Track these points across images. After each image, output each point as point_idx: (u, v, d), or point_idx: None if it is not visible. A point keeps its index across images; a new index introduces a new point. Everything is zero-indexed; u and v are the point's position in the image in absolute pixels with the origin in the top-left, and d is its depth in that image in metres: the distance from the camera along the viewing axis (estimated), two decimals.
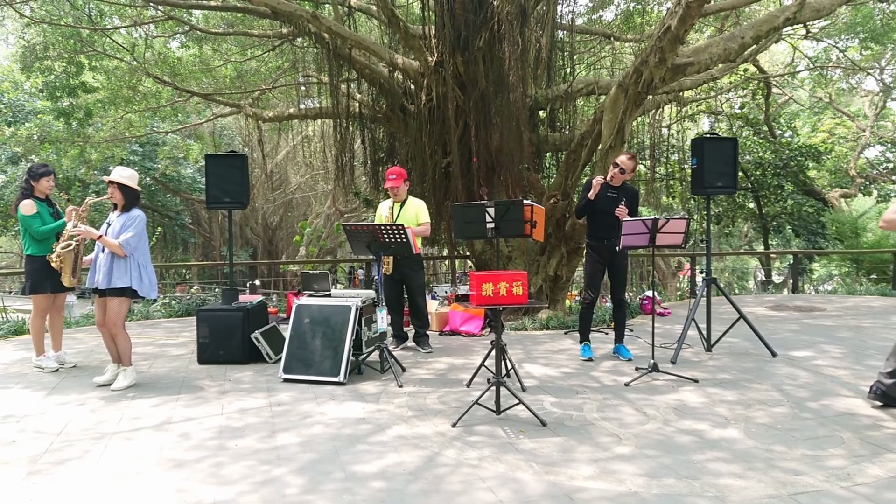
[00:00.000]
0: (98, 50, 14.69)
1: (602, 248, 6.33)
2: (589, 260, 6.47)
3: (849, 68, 18.06)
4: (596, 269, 6.44)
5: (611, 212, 6.15)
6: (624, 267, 6.47)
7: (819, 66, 18.29)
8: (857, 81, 21.48)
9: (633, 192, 6.40)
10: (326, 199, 28.88)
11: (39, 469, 3.85)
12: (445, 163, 9.69)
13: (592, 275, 6.46)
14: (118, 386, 5.56)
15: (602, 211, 6.22)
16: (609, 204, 6.17)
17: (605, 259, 6.37)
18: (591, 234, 6.41)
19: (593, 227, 6.38)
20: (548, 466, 3.78)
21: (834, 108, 22.01)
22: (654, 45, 7.69)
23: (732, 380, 5.62)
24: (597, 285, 6.53)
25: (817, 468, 3.71)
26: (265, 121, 14.14)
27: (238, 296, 6.77)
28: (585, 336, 6.63)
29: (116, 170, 5.60)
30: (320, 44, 9.91)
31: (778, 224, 18.12)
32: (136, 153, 21.03)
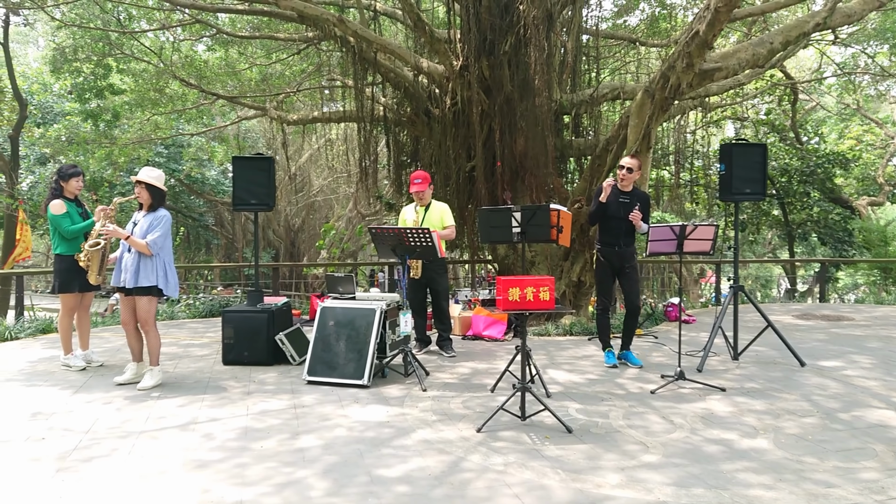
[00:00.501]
0: (126, 53, 14.89)
1: (612, 254, 6.29)
2: (599, 266, 6.44)
3: (878, 74, 17.77)
4: (606, 275, 6.41)
5: (622, 217, 6.13)
6: (635, 273, 6.41)
7: (847, 72, 18.02)
8: (885, 88, 21.15)
9: (645, 197, 6.37)
10: (348, 202, 29.01)
11: (68, 466, 3.88)
12: (469, 167, 9.68)
13: (603, 281, 6.45)
14: (144, 385, 5.60)
15: (614, 216, 6.20)
16: (620, 209, 6.15)
17: (616, 265, 6.33)
18: (602, 240, 6.37)
19: (604, 233, 6.34)
20: (574, 474, 3.75)
21: (861, 115, 21.69)
22: (682, 50, 7.63)
23: (760, 389, 5.54)
24: (609, 291, 6.49)
25: (850, 481, 3.63)
26: (289, 124, 14.22)
27: (263, 297, 6.80)
28: (607, 343, 6.58)
29: (144, 170, 5.65)
30: (346, 47, 9.95)
31: (804, 232, 17.88)
32: (161, 155, 21.28)
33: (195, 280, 28.16)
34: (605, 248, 6.35)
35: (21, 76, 21.33)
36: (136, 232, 5.53)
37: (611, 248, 6.30)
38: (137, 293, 5.53)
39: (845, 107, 22.17)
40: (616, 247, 6.27)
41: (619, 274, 6.35)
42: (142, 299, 5.55)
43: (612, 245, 6.29)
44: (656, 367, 6.38)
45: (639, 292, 6.48)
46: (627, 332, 6.48)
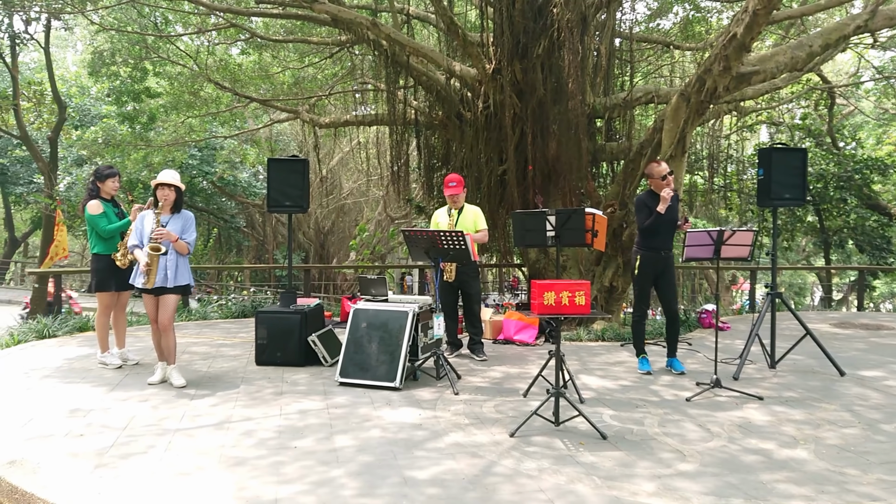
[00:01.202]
0: (162, 56, 15.13)
1: (657, 259, 6.17)
2: (641, 272, 6.30)
3: None
4: (647, 282, 6.30)
5: (666, 221, 6.02)
6: (674, 278, 6.32)
7: (886, 76, 17.66)
8: None
9: (677, 196, 6.29)
10: (377, 205, 29.13)
11: (106, 462, 3.93)
12: (501, 170, 9.66)
13: (644, 287, 6.33)
14: (180, 383, 5.71)
15: (662, 221, 6.07)
16: (666, 212, 6.03)
17: (658, 270, 6.23)
18: (647, 245, 6.23)
19: (650, 238, 6.20)
20: (609, 481, 3.70)
21: None
22: (719, 53, 7.53)
23: (799, 398, 5.43)
24: (648, 298, 6.39)
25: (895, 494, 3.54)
26: (321, 127, 14.32)
27: (296, 298, 6.84)
28: (641, 349, 6.50)
29: (169, 173, 5.73)
30: (378, 51, 10.01)
31: (840, 239, 17.54)
32: (194, 157, 21.57)
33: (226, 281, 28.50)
34: (650, 252, 6.21)
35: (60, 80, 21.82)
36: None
37: (656, 252, 6.17)
38: (173, 292, 5.62)
39: (883, 111, 21.73)
40: (662, 251, 6.16)
41: (659, 279, 6.25)
42: (171, 298, 5.68)
43: (658, 250, 6.15)
44: (691, 374, 6.29)
45: (677, 297, 6.39)
46: (672, 339, 6.39)
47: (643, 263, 6.26)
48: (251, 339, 8.05)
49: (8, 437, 4.36)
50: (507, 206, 9.38)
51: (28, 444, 4.21)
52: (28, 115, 19.46)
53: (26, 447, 4.16)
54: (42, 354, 7.06)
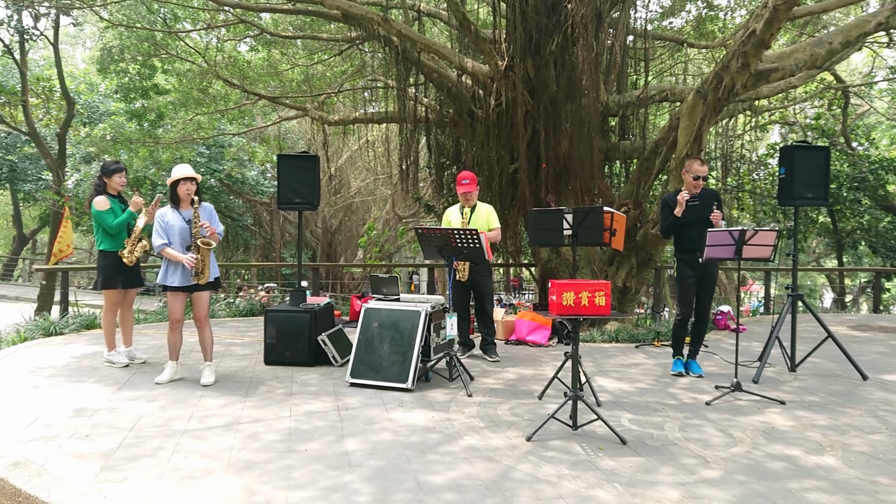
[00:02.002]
0: (171, 53, 15.05)
1: (694, 260, 5.94)
2: (681, 274, 6.09)
3: None
4: (689, 283, 6.06)
5: (698, 221, 5.84)
6: (714, 282, 6.14)
7: None
8: None
9: (714, 195, 6.07)
10: (385, 204, 29.03)
11: (113, 465, 3.83)
12: (513, 169, 9.52)
13: (686, 289, 6.08)
14: (209, 381, 5.69)
15: (690, 222, 5.89)
16: (692, 213, 5.86)
17: (699, 272, 6.02)
18: (684, 248, 6.03)
19: (683, 240, 6.03)
20: (630, 487, 3.57)
21: None
22: (737, 50, 7.39)
23: (822, 403, 5.29)
24: (690, 300, 6.10)
25: None
26: (330, 124, 14.21)
27: (306, 297, 6.73)
28: (679, 350, 6.34)
29: (185, 167, 5.63)
30: (389, 47, 9.88)
31: (853, 240, 17.33)
32: (202, 155, 21.50)
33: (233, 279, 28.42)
34: (687, 255, 6.01)
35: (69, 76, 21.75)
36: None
37: (692, 254, 5.94)
38: (205, 287, 5.57)
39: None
40: (697, 252, 5.96)
41: (702, 280, 6.06)
42: (206, 293, 5.66)
43: (694, 251, 5.88)
44: (709, 377, 6.15)
45: (711, 301, 6.21)
46: (697, 340, 6.24)
47: (681, 265, 6.08)
48: (260, 338, 7.97)
49: (12, 437, 4.26)
50: (519, 204, 9.25)
51: (33, 445, 4.11)
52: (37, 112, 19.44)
53: (31, 448, 4.06)
54: (49, 352, 6.97)
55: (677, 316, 6.20)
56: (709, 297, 6.09)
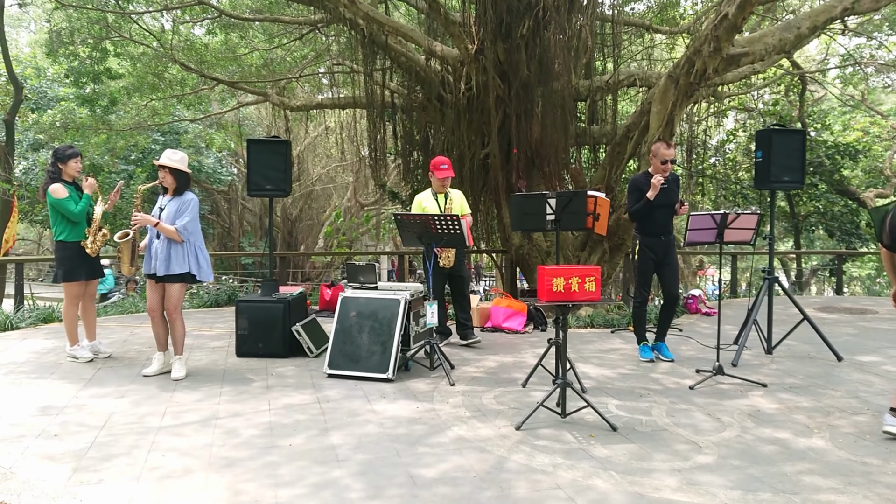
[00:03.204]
0: (124, 36, 14.50)
1: (658, 244, 5.99)
2: (642, 257, 6.12)
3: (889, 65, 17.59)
4: (649, 267, 6.10)
5: (665, 204, 5.85)
6: (676, 262, 6.17)
7: (860, 62, 17.81)
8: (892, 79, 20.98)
9: (677, 179, 6.13)
10: (346, 191, 28.68)
11: (86, 465, 3.63)
12: (483, 154, 9.41)
13: (645, 272, 6.13)
14: (179, 375, 5.44)
15: (657, 206, 5.87)
16: (663, 196, 5.84)
17: (659, 255, 6.06)
18: (646, 231, 6.05)
19: (648, 224, 6.03)
20: (627, 476, 3.51)
21: (866, 107, 21.51)
22: (710, 34, 7.39)
23: (802, 385, 5.32)
24: (650, 283, 6.19)
25: None
26: (292, 110, 13.92)
27: (278, 287, 6.53)
28: (643, 336, 6.34)
29: (167, 153, 5.42)
30: (355, 30, 9.65)
31: (810, 224, 17.71)
32: (157, 142, 20.86)
33: None
34: (650, 238, 6.03)
35: (14, 60, 20.86)
36: (163, 217, 5.33)
37: (656, 238, 5.99)
38: (169, 280, 5.31)
39: (849, 98, 21.99)
40: (661, 236, 5.99)
41: (661, 264, 6.08)
42: (173, 286, 5.37)
43: (658, 235, 5.97)
44: (687, 361, 6.16)
45: (678, 282, 6.24)
46: (665, 322, 6.25)
47: (644, 248, 6.09)
48: (228, 329, 7.74)
49: None
50: (491, 190, 9.16)
51: None
52: None
53: None
54: (5, 348, 6.65)
55: (636, 299, 6.20)
56: (674, 278, 6.11)
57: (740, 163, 18.11)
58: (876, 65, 18.82)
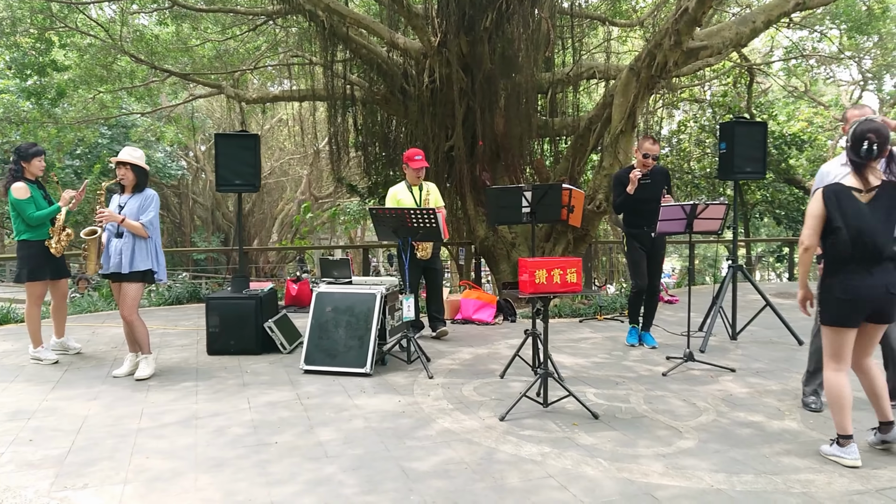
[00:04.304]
0: (70, 26, 14.02)
1: (643, 235, 6.12)
2: (631, 249, 6.25)
3: (832, 57, 18.21)
4: (639, 257, 6.23)
5: (648, 198, 5.95)
6: (663, 254, 6.34)
7: (806, 55, 18.39)
8: (832, 71, 21.74)
9: (665, 172, 6.25)
10: (299, 184, 28.36)
11: (68, 471, 3.54)
12: (447, 147, 9.43)
13: (637, 263, 6.24)
14: (142, 375, 5.30)
15: (640, 199, 6.00)
16: (644, 191, 5.97)
17: (647, 246, 6.19)
18: (631, 223, 6.20)
19: (632, 216, 6.18)
20: (615, 462, 3.60)
21: (809, 98, 22.24)
22: (670, 28, 7.54)
23: (769, 369, 5.52)
24: (643, 273, 6.25)
25: (893, 461, 3.59)
26: (248, 102, 13.68)
27: (248, 283, 6.45)
28: (635, 319, 6.48)
29: (126, 150, 5.30)
30: (315, 22, 9.53)
31: (758, 212, 18.26)
32: (104, 136, 20.25)
33: None
34: (635, 230, 6.17)
35: None
36: (125, 214, 5.18)
37: (640, 229, 6.13)
38: (130, 279, 5.17)
39: (794, 89, 22.70)
40: (646, 227, 6.09)
41: (650, 255, 6.21)
42: (132, 285, 5.21)
43: (642, 226, 6.10)
44: (656, 349, 6.31)
45: (660, 274, 6.40)
46: (650, 313, 6.39)
47: (630, 240, 6.22)
48: (194, 326, 7.63)
49: None
50: (456, 182, 9.19)
51: None
52: None
53: None
54: None
55: (633, 288, 6.35)
56: (658, 271, 6.27)
57: (691, 153, 18.53)
58: (818, 57, 19.48)
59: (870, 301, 3.47)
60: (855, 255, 3.45)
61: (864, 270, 3.45)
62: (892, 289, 3.44)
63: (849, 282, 3.49)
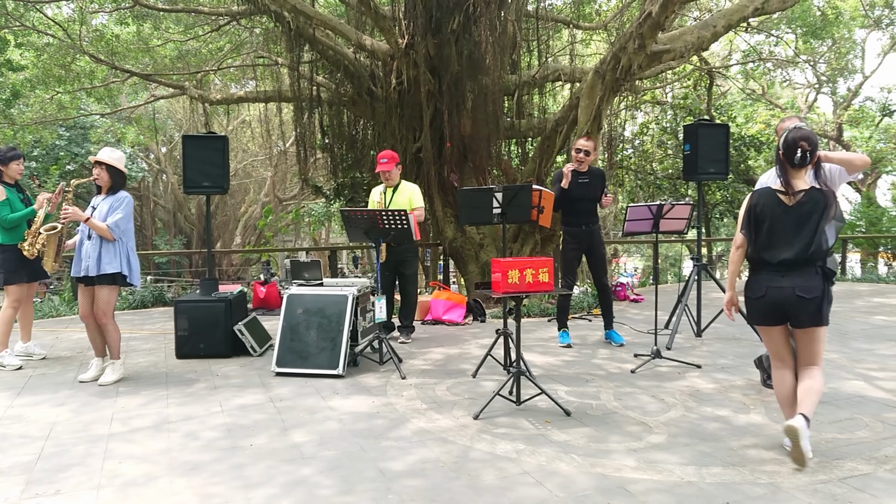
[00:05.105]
0: (26, 25, 13.71)
1: (580, 233, 6.31)
2: (566, 247, 6.43)
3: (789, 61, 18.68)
4: (573, 256, 6.42)
5: (585, 197, 6.18)
6: (603, 252, 6.47)
7: (763, 58, 18.83)
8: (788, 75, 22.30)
9: (601, 174, 6.47)
10: (262, 186, 28.09)
11: (39, 478, 3.49)
12: (415, 148, 9.46)
13: (570, 261, 6.43)
14: (106, 381, 5.21)
15: (577, 198, 6.20)
16: (582, 189, 6.17)
17: (583, 245, 6.36)
18: (568, 221, 6.37)
19: (569, 214, 6.35)
20: (588, 458, 3.67)
21: (766, 100, 22.77)
22: (634, 31, 7.67)
23: (733, 365, 5.65)
24: (575, 272, 6.51)
25: (853, 451, 3.72)
26: (212, 103, 13.52)
27: (218, 286, 6.40)
28: (564, 323, 6.59)
29: (104, 150, 5.23)
30: (280, 23, 9.48)
31: (720, 212, 18.63)
32: (62, 137, 19.83)
33: None
34: (572, 228, 6.34)
35: None
36: (95, 216, 5.10)
37: (578, 227, 6.32)
38: (100, 282, 5.09)
39: (752, 92, 23.21)
40: (583, 226, 6.29)
41: (588, 254, 6.36)
42: (103, 289, 5.12)
43: (579, 224, 6.32)
44: (624, 347, 6.43)
45: (606, 270, 6.53)
46: (607, 310, 6.52)
47: (567, 238, 6.36)
48: (160, 330, 7.55)
49: None
50: (424, 184, 9.21)
51: None
52: None
53: None
54: None
55: (562, 287, 6.46)
56: (601, 266, 6.44)
57: (654, 154, 18.84)
58: (775, 60, 19.97)
59: (778, 302, 3.55)
60: (768, 257, 3.57)
61: (776, 272, 3.56)
62: (800, 291, 3.48)
63: (760, 282, 3.61)
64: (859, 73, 22.93)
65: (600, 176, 6.40)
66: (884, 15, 17.56)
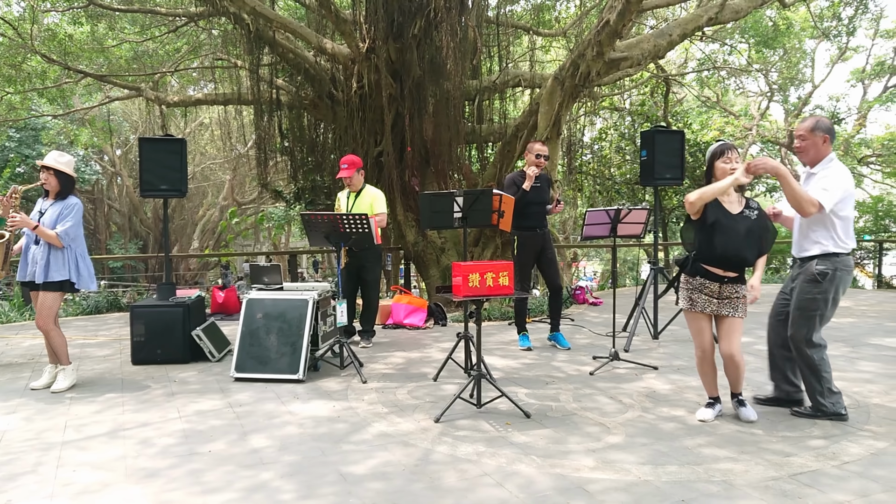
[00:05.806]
0: None
1: (534, 237, 6.40)
2: (520, 251, 6.49)
3: (742, 69, 19.14)
4: (528, 260, 6.49)
5: (538, 201, 6.31)
6: (554, 255, 6.57)
7: (718, 67, 19.26)
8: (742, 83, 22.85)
9: (549, 179, 6.64)
10: (220, 190, 27.73)
11: None
12: (377, 152, 9.45)
13: (525, 265, 6.50)
14: (59, 387, 5.09)
15: (531, 201, 6.29)
16: (535, 193, 6.28)
17: (537, 248, 6.44)
18: (521, 226, 6.37)
19: (523, 218, 6.33)
20: (548, 458, 3.71)
21: (721, 108, 23.29)
22: (592, 39, 7.79)
23: (688, 366, 5.77)
24: (529, 275, 6.60)
25: (803, 448, 3.83)
26: (169, 105, 13.30)
27: (175, 290, 6.30)
28: (523, 326, 6.65)
29: (52, 154, 5.11)
30: (240, 25, 9.39)
31: (676, 217, 18.98)
32: (12, 139, 19.30)
33: None
34: (526, 232, 6.40)
35: None
36: (43, 221, 4.97)
37: (532, 231, 6.39)
38: (46, 288, 4.96)
39: (706, 99, 23.73)
40: (538, 229, 6.37)
41: (540, 257, 6.45)
42: (48, 295, 5.00)
43: (534, 228, 6.39)
44: (583, 349, 6.52)
45: (559, 273, 6.61)
46: (555, 313, 6.58)
47: (521, 243, 6.44)
48: (115, 336, 7.41)
49: None
50: (385, 188, 9.19)
51: None
52: None
53: None
54: None
55: (517, 291, 6.51)
56: (554, 270, 6.52)
57: (612, 159, 19.11)
58: (728, 69, 20.45)
59: None
60: None
61: None
62: None
63: None
64: (809, 82, 23.63)
65: (548, 181, 6.62)
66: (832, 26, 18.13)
